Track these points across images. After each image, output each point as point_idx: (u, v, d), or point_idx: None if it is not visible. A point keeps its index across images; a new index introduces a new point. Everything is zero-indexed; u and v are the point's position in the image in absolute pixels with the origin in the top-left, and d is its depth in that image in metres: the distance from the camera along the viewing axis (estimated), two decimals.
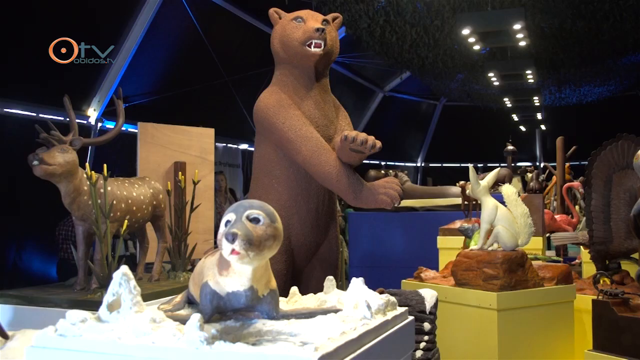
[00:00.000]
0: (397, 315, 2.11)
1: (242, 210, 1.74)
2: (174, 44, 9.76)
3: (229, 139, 11.90)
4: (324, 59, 3.31)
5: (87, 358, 1.68)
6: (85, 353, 1.69)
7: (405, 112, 20.47)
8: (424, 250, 6.29)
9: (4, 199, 6.71)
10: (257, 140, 3.48)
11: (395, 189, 3.10)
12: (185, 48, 9.87)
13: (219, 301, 1.84)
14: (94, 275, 3.54)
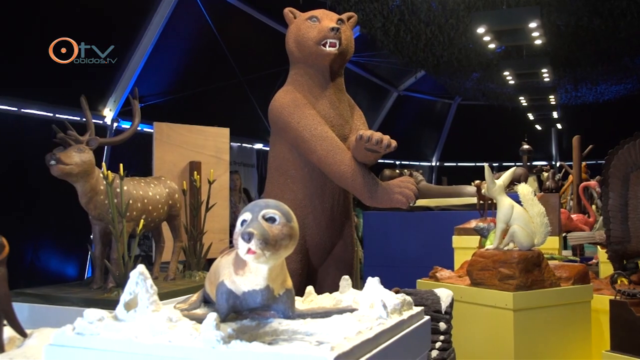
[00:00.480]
0: (413, 315, 2.10)
1: (258, 209, 1.75)
2: (188, 44, 9.79)
3: (244, 139, 11.92)
4: (339, 59, 3.30)
5: (105, 356, 1.70)
6: (102, 352, 1.70)
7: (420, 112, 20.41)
8: (439, 249, 6.27)
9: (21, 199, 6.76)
10: (272, 140, 3.48)
11: (410, 188, 3.09)
12: (200, 48, 9.90)
13: (235, 300, 1.84)
14: (111, 274, 3.56)
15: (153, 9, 8.45)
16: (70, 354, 1.74)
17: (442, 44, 12.25)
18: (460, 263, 4.58)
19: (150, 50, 8.61)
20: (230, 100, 10.96)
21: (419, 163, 20.80)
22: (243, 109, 11.31)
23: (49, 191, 6.37)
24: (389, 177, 6.50)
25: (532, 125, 19.77)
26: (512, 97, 16.68)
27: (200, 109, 9.77)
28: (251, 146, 12.41)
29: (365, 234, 7.81)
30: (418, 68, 15.56)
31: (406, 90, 18.45)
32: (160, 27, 8.55)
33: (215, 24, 9.57)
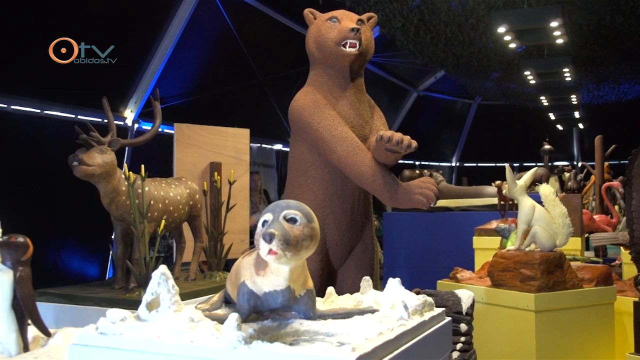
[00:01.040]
0: (434, 316, 2.09)
1: (279, 210, 1.75)
2: (208, 46, 9.84)
3: (263, 139, 11.95)
4: (359, 59, 3.30)
5: (127, 356, 1.71)
6: (125, 351, 1.72)
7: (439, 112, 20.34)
8: (460, 250, 6.24)
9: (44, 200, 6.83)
10: (292, 141, 3.48)
11: (431, 189, 3.08)
12: (219, 49, 9.94)
13: (256, 301, 1.85)
14: (132, 275, 3.59)
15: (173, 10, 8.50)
16: (93, 354, 1.76)
17: (462, 43, 12.19)
18: (481, 264, 4.56)
19: (170, 51, 8.67)
20: (249, 101, 11.00)
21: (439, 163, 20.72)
22: (263, 109, 11.34)
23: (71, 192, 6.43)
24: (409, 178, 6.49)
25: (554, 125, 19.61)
26: (533, 96, 16.55)
27: (220, 110, 9.81)
28: (271, 147, 12.44)
29: (385, 235, 7.79)
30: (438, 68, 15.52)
31: (426, 90, 18.39)
32: (180, 29, 8.60)
33: (235, 25, 9.60)
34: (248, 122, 5.81)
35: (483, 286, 3.78)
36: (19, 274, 2.41)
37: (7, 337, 2.40)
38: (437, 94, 19.17)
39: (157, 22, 8.46)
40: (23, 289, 2.40)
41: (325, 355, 1.54)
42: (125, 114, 8.66)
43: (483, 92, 18.77)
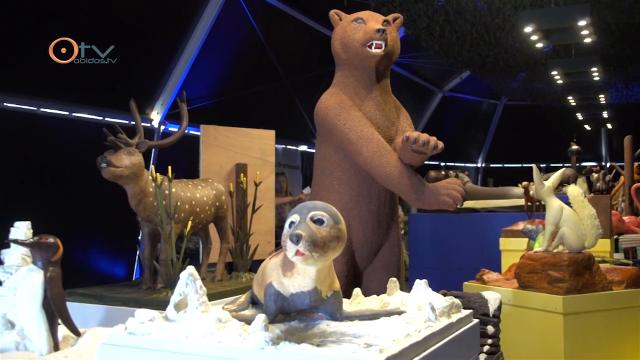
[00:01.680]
0: (462, 318, 2.08)
1: (306, 211, 1.75)
2: (234, 47, 9.89)
3: (288, 141, 11.98)
4: (384, 60, 3.29)
5: (155, 356, 1.73)
6: (153, 351, 1.73)
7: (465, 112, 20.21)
8: (486, 252, 6.20)
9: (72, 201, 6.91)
10: (318, 142, 3.49)
11: (458, 190, 3.06)
12: (245, 51, 9.99)
13: (282, 302, 1.85)
14: (159, 275, 3.61)
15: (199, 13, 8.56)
16: (122, 353, 1.77)
17: (488, 43, 12.11)
18: (508, 265, 4.52)
19: (196, 54, 8.73)
20: (275, 102, 11.03)
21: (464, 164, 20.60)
22: (287, 111, 11.37)
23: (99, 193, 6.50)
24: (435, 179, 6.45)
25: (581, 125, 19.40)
26: (560, 96, 16.39)
27: (246, 112, 9.85)
28: (296, 148, 12.46)
29: (410, 236, 7.76)
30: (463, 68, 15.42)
31: (451, 90, 18.30)
32: (206, 31, 8.66)
33: (260, 26, 9.64)
34: (273, 124, 5.82)
35: (510, 288, 3.75)
36: (49, 274, 2.45)
37: (38, 336, 2.44)
38: (463, 95, 19.05)
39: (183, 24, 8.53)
40: (53, 289, 2.44)
41: (352, 356, 1.54)
42: (152, 115, 8.74)
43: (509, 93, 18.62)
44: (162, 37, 8.32)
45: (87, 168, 4.17)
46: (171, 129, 8.81)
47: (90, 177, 6.13)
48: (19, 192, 6.41)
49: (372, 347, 1.56)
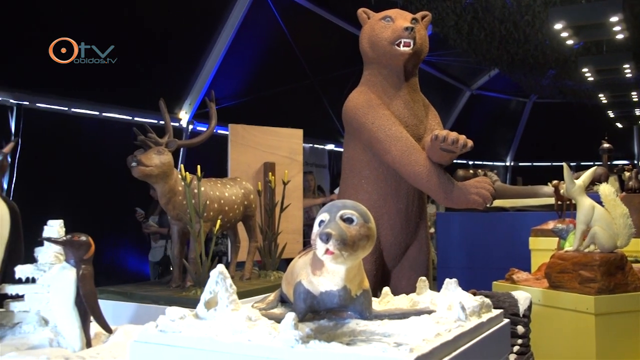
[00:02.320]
0: (492, 318, 2.07)
1: (336, 210, 1.75)
2: (261, 47, 9.93)
3: (316, 140, 11.99)
4: (413, 58, 3.28)
5: (186, 354, 1.74)
6: (184, 349, 1.75)
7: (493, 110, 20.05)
8: (515, 251, 6.14)
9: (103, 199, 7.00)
10: (346, 141, 3.48)
11: (487, 188, 3.04)
12: (272, 50, 10.03)
13: (312, 300, 1.85)
14: (189, 274, 3.64)
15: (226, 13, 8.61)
16: (153, 351, 1.79)
17: (517, 41, 11.98)
18: (538, 265, 4.47)
19: (224, 53, 8.79)
20: (302, 101, 11.06)
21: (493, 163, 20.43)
22: (315, 110, 11.39)
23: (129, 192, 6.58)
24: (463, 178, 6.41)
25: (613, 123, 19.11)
26: (591, 94, 16.17)
27: (273, 111, 9.88)
28: (323, 147, 12.47)
29: (438, 236, 7.72)
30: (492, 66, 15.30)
31: (479, 89, 18.17)
32: (233, 31, 8.71)
33: (287, 26, 9.67)
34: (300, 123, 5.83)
35: (540, 288, 3.71)
36: (81, 271, 2.48)
37: (71, 333, 2.47)
38: (491, 93, 18.90)
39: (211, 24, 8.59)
40: (86, 287, 2.47)
41: (383, 355, 1.53)
42: (180, 115, 8.82)
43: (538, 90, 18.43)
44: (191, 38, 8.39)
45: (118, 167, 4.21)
46: (199, 128, 8.89)
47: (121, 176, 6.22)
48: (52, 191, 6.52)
49: (402, 346, 1.56)
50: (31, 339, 2.62)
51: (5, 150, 2.79)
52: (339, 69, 10.82)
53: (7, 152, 2.79)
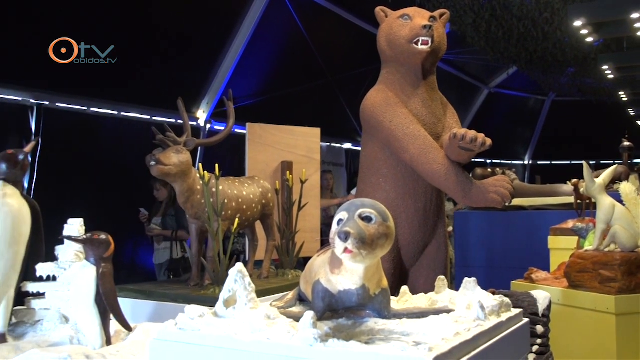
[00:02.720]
0: (512, 317, 2.06)
1: (355, 208, 1.75)
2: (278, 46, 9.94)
3: (333, 138, 11.98)
4: (431, 57, 3.26)
5: (205, 352, 1.75)
6: (203, 347, 1.75)
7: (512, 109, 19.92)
8: (534, 250, 6.10)
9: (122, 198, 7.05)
10: (364, 139, 3.48)
11: (506, 187, 3.02)
12: (289, 49, 10.03)
13: (330, 299, 1.85)
14: (207, 272, 3.65)
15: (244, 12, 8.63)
16: (173, 349, 1.80)
17: (536, 38, 11.89)
18: (557, 264, 4.45)
19: (241, 52, 8.81)
20: (319, 100, 11.05)
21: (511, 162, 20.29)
22: (332, 108, 11.38)
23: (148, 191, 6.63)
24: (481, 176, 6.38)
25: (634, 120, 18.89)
26: (611, 91, 16.01)
27: (290, 110, 9.89)
28: (340, 146, 12.46)
29: (456, 235, 7.68)
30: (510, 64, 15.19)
31: (497, 87, 18.05)
32: (251, 30, 8.72)
33: (304, 25, 9.67)
34: (317, 121, 5.83)
35: (559, 287, 3.69)
36: (101, 270, 2.50)
37: (91, 331, 2.49)
38: (509, 91, 18.77)
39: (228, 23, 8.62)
40: (105, 285, 2.49)
41: (402, 354, 1.53)
42: (198, 114, 8.86)
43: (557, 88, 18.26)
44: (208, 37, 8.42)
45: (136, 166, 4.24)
46: (217, 127, 8.92)
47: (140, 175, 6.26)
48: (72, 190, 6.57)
49: (421, 346, 1.56)
50: (52, 336, 2.65)
51: (26, 149, 2.82)
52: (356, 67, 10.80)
53: (28, 151, 2.82)
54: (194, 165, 3.73)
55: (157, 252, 6.87)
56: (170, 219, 6.79)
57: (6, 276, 2.61)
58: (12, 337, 2.70)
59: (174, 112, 5.56)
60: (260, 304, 1.91)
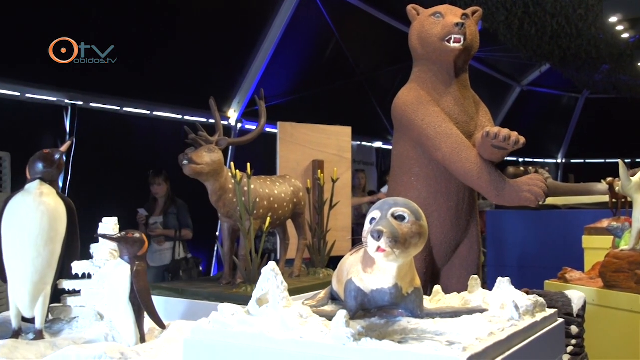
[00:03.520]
0: (546, 317, 2.03)
1: (387, 207, 1.74)
2: (309, 45, 9.95)
3: (363, 137, 11.96)
4: (463, 54, 3.24)
5: (238, 350, 1.76)
6: (236, 345, 1.76)
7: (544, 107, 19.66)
8: (567, 250, 6.03)
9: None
10: (396, 138, 3.46)
11: (540, 186, 2.98)
12: (320, 48, 10.04)
13: (363, 298, 1.85)
14: (239, 270, 3.67)
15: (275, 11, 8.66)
16: (206, 347, 1.81)
17: (570, 35, 11.71)
18: (591, 264, 4.39)
19: (272, 52, 8.83)
20: (349, 99, 11.04)
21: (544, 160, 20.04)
22: (362, 107, 11.36)
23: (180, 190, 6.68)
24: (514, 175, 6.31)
25: None
26: None
27: (321, 109, 9.89)
28: (371, 145, 12.44)
29: (488, 234, 7.62)
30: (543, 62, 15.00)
31: (530, 85, 17.84)
32: (281, 29, 8.75)
33: (334, 24, 9.67)
34: (348, 120, 5.83)
35: (594, 287, 3.64)
36: (135, 268, 2.53)
37: (126, 328, 2.52)
38: (542, 89, 18.53)
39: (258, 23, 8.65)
40: (139, 283, 2.52)
41: (435, 354, 1.52)
42: (229, 113, 8.91)
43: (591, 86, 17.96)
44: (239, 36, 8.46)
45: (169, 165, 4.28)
46: (247, 126, 8.97)
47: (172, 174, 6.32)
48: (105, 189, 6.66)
49: (454, 345, 1.55)
50: (87, 333, 2.69)
51: (62, 149, 2.86)
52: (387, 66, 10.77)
53: (64, 150, 2.86)
54: (225, 164, 3.75)
55: (156, 254, 6.34)
56: (172, 217, 6.53)
57: (43, 274, 2.65)
58: (48, 333, 2.74)
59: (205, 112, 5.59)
60: (293, 302, 1.91)
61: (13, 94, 6.31)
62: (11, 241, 2.63)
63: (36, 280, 2.64)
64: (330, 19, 9.55)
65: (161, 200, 6.60)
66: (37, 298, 2.66)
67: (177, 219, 6.55)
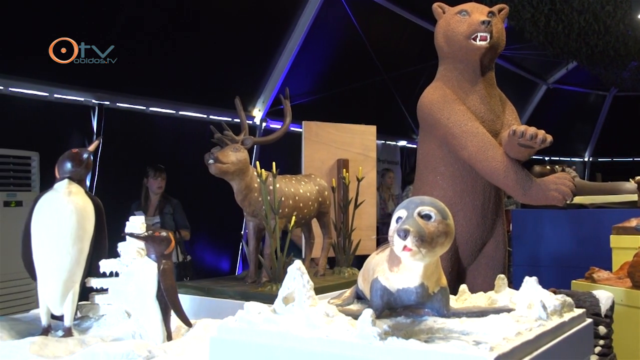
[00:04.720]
0: (574, 317, 2.01)
1: (414, 206, 1.74)
2: (333, 44, 9.94)
3: (388, 136, 11.93)
4: (489, 53, 3.22)
5: (264, 348, 1.76)
6: (262, 344, 1.77)
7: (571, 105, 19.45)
8: (595, 249, 5.95)
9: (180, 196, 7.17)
10: (421, 137, 3.46)
11: (567, 185, 2.96)
12: (344, 47, 10.02)
13: (389, 297, 1.84)
14: (264, 269, 3.68)
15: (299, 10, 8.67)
16: (232, 345, 1.83)
17: (597, 32, 11.57)
18: (619, 264, 4.32)
19: (297, 51, 8.84)
20: (374, 98, 11.02)
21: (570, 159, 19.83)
22: (387, 106, 11.33)
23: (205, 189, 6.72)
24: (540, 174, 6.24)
25: None
26: None
27: (346, 108, 9.89)
28: (395, 144, 12.40)
29: (514, 233, 7.56)
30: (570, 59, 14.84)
31: (556, 82, 17.65)
32: (306, 28, 8.75)
33: (359, 22, 9.65)
34: (372, 119, 5.81)
35: (622, 287, 3.59)
36: (162, 266, 2.55)
37: (152, 326, 2.55)
38: (569, 87, 18.32)
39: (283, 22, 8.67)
40: (166, 281, 2.54)
41: (462, 353, 1.52)
42: (254, 113, 8.94)
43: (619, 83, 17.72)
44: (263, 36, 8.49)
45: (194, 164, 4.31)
46: (272, 125, 8.99)
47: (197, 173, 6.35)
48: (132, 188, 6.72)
49: (481, 345, 1.54)
50: (115, 330, 2.72)
51: (90, 148, 2.89)
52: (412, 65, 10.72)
53: (92, 150, 2.90)
54: (250, 163, 3.77)
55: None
56: (168, 217, 6.47)
57: (71, 272, 2.69)
58: (77, 331, 2.78)
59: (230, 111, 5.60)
60: (319, 301, 1.92)
61: (41, 94, 6.39)
62: (40, 240, 2.67)
63: (65, 279, 2.68)
64: (355, 18, 9.53)
65: (155, 198, 6.54)
66: (65, 296, 2.70)
67: (173, 219, 6.50)
